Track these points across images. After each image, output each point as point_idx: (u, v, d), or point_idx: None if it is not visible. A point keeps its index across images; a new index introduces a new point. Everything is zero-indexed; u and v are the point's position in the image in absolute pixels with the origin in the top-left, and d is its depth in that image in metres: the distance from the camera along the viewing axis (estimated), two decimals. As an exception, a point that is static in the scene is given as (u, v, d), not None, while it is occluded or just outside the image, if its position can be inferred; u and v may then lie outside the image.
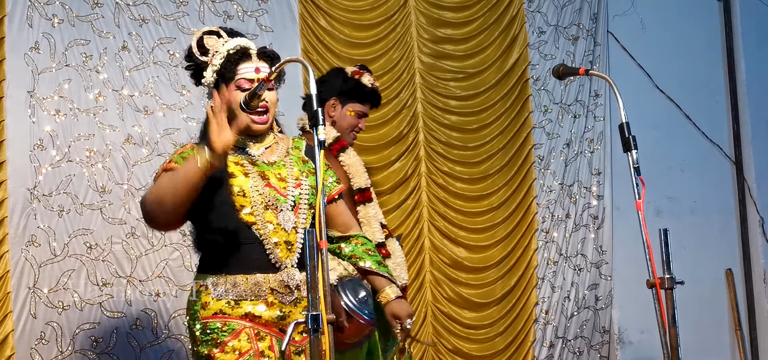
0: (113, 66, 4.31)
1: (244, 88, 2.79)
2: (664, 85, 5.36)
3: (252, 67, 2.83)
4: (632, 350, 5.14)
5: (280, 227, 2.80)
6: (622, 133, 2.91)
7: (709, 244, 5.37)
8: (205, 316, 2.75)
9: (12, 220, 4.03)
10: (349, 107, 3.74)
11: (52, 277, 4.10)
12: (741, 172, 5.43)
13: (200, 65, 2.85)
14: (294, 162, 2.93)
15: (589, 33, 5.23)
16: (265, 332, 2.76)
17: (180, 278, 4.28)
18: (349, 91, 3.73)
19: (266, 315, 2.76)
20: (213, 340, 2.73)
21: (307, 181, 2.91)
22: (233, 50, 2.83)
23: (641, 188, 2.79)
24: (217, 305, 2.75)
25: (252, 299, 2.75)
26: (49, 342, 4.06)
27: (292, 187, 2.86)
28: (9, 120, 4.08)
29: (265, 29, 4.67)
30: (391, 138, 4.87)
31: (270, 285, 2.77)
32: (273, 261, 2.78)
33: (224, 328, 2.73)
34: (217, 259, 2.79)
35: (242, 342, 2.73)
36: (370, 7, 4.91)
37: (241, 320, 2.74)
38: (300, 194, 2.86)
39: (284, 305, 2.79)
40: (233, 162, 2.81)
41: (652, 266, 2.73)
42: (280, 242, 2.79)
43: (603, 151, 5.17)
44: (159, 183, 2.73)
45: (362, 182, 3.68)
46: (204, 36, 2.86)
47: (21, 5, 4.15)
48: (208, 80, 2.84)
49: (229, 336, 2.73)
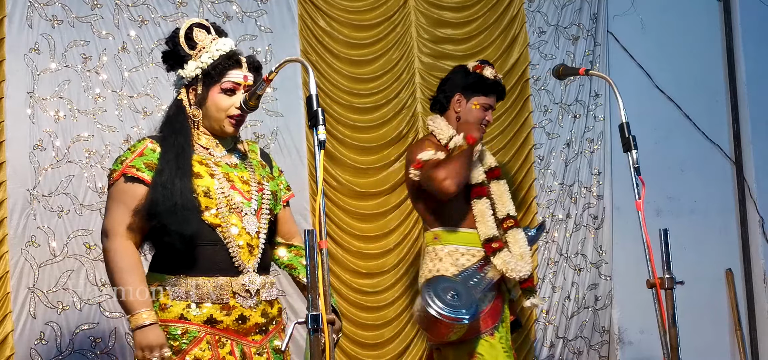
0: (113, 67, 4.31)
1: (227, 89, 2.79)
2: (664, 85, 5.36)
3: (241, 74, 2.83)
4: (632, 350, 5.14)
5: (244, 230, 2.78)
6: (622, 133, 2.91)
7: (709, 244, 5.36)
8: (165, 319, 2.70)
9: (12, 220, 4.03)
10: (474, 101, 3.79)
11: (52, 278, 4.09)
12: (741, 172, 5.43)
13: (183, 56, 2.83)
14: (255, 165, 2.93)
15: (589, 33, 5.23)
16: (226, 338, 2.74)
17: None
18: (472, 85, 3.80)
19: (227, 320, 2.74)
20: (172, 346, 2.69)
21: (268, 186, 2.91)
22: (225, 53, 2.82)
23: (641, 188, 2.79)
24: (177, 308, 2.71)
25: (214, 302, 2.72)
26: (49, 342, 4.06)
27: (255, 190, 2.85)
28: (9, 121, 4.08)
29: (264, 30, 4.67)
30: (390, 138, 4.87)
31: (232, 288, 2.74)
32: (236, 264, 2.75)
33: (185, 336, 2.69)
34: (176, 259, 2.73)
35: (204, 351, 2.70)
36: (370, 7, 4.91)
37: (201, 326, 2.71)
38: (262, 198, 2.86)
39: (244, 309, 2.77)
40: (197, 161, 2.78)
41: (652, 266, 2.73)
42: (243, 245, 2.77)
43: (603, 151, 5.16)
44: (115, 262, 2.70)
45: (477, 177, 3.77)
46: (194, 28, 2.85)
47: (21, 6, 4.15)
48: (189, 74, 2.81)
49: (191, 344, 2.70)
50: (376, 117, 4.85)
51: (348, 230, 4.76)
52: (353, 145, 4.81)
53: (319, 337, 2.28)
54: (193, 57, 2.82)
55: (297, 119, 4.66)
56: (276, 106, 4.63)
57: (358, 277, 4.75)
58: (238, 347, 2.75)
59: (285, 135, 4.62)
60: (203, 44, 2.83)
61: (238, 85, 2.81)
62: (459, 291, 3.51)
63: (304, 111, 4.61)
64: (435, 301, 3.43)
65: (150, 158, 2.75)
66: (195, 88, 2.82)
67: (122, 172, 2.73)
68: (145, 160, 2.73)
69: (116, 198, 2.74)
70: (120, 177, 2.73)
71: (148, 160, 2.74)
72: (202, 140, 2.84)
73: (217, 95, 2.80)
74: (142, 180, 2.72)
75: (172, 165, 2.71)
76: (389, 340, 4.71)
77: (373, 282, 4.73)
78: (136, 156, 2.75)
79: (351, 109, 4.82)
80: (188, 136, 2.79)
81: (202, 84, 2.81)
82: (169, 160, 2.72)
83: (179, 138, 2.77)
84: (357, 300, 4.72)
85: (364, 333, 4.71)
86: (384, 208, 4.83)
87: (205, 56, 2.81)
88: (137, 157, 2.74)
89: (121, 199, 2.73)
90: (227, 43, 2.86)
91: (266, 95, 4.02)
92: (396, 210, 4.84)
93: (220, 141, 2.88)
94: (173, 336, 2.69)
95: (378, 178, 4.84)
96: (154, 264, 2.83)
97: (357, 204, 4.81)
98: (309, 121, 2.41)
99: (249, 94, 2.76)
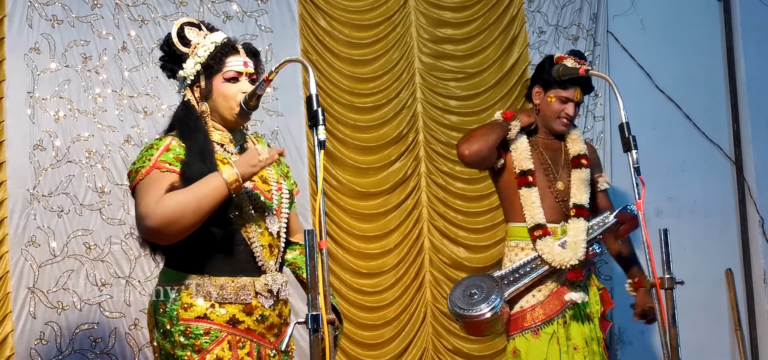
0: (113, 67, 4.31)
1: (231, 78, 2.79)
2: (664, 85, 5.35)
3: (240, 60, 2.83)
4: (632, 350, 5.14)
5: (267, 230, 2.78)
6: (622, 133, 2.91)
7: (709, 244, 5.36)
8: (187, 319, 2.69)
9: (12, 220, 4.03)
10: (551, 93, 3.75)
11: (52, 278, 4.09)
12: (741, 172, 5.42)
13: (181, 56, 2.81)
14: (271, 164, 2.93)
15: (589, 33, 5.22)
16: (246, 339, 2.73)
17: (180, 279, 4.28)
18: (550, 77, 3.70)
19: (248, 320, 2.73)
20: (194, 345, 2.67)
21: (285, 185, 2.91)
22: (221, 42, 2.82)
23: (641, 188, 2.79)
24: (200, 308, 2.69)
25: (236, 302, 2.71)
26: (49, 342, 4.06)
27: (275, 189, 2.85)
28: (9, 120, 4.08)
29: (264, 30, 4.66)
30: (391, 138, 4.87)
31: (256, 288, 2.74)
32: (259, 264, 2.75)
33: (208, 335, 2.68)
34: (200, 259, 2.71)
35: (225, 351, 2.69)
36: (370, 7, 4.91)
37: (224, 327, 2.70)
38: (282, 197, 2.86)
39: (265, 309, 2.77)
40: (219, 159, 2.76)
41: (652, 266, 2.73)
42: (265, 245, 2.77)
43: (603, 151, 5.16)
44: (175, 200, 2.57)
45: (524, 165, 3.74)
46: (184, 27, 2.85)
47: (21, 6, 4.15)
48: (189, 71, 2.80)
49: (212, 344, 2.69)
50: (377, 117, 4.85)
51: (348, 230, 4.76)
52: (354, 144, 4.81)
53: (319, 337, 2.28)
54: (190, 54, 2.81)
55: (297, 119, 4.65)
56: (276, 105, 4.63)
57: (358, 277, 4.75)
58: (256, 348, 2.75)
59: (285, 135, 4.62)
60: (197, 40, 2.83)
61: (240, 72, 2.81)
62: (483, 286, 3.55)
63: (304, 111, 4.61)
64: (454, 301, 3.54)
65: (177, 153, 2.70)
66: (198, 85, 2.82)
67: (154, 167, 2.66)
68: (173, 155, 2.70)
69: (150, 185, 2.64)
70: (152, 170, 2.66)
71: (176, 154, 2.70)
72: (216, 136, 2.82)
73: (222, 85, 2.80)
74: (176, 172, 2.67)
75: (198, 160, 2.67)
76: (389, 340, 4.71)
77: (373, 282, 4.73)
78: (163, 151, 2.70)
79: (351, 109, 4.82)
80: (206, 133, 2.77)
81: (204, 78, 2.80)
82: (195, 154, 2.69)
83: (199, 135, 2.73)
84: (357, 300, 4.72)
85: (364, 333, 4.71)
86: (384, 208, 4.83)
87: (201, 50, 2.80)
88: (165, 152, 2.70)
89: (154, 185, 2.63)
90: (220, 36, 2.86)
91: (266, 95, 4.02)
92: (396, 210, 4.83)
93: (232, 136, 2.87)
94: (195, 335, 2.68)
95: (378, 178, 4.84)
96: (174, 262, 2.78)
97: (357, 204, 4.80)
98: (309, 120, 2.41)
99: (249, 94, 2.75)
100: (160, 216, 2.57)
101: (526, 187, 3.68)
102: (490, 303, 3.50)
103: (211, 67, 2.79)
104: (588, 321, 3.67)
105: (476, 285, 3.57)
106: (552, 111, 3.74)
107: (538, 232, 3.62)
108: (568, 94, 3.71)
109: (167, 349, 2.72)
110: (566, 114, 3.73)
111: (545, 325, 3.59)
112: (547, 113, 3.75)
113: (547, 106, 3.75)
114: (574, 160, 3.78)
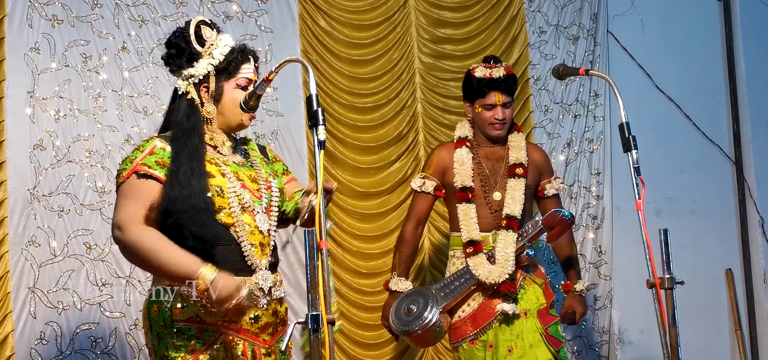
0: (113, 67, 4.32)
1: (243, 86, 2.81)
2: (664, 85, 5.36)
3: (251, 68, 2.85)
4: (632, 350, 5.14)
5: (257, 229, 2.78)
6: (622, 133, 2.91)
7: (709, 244, 5.36)
8: (180, 319, 2.69)
9: (12, 220, 4.03)
10: (476, 105, 3.86)
11: (52, 278, 4.10)
12: (741, 172, 5.43)
13: (193, 54, 2.80)
14: (259, 163, 2.93)
15: (590, 33, 5.23)
16: (239, 338, 2.74)
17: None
18: (471, 91, 3.86)
19: (242, 320, 2.73)
20: (187, 346, 2.68)
21: (275, 183, 2.91)
22: (239, 48, 2.83)
23: (641, 188, 2.79)
24: (192, 309, 2.69)
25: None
26: (49, 342, 4.06)
27: (264, 188, 2.85)
28: (9, 120, 4.08)
29: (264, 29, 4.67)
30: (390, 138, 4.87)
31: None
32: (249, 263, 2.74)
33: (200, 336, 2.69)
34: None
35: (219, 351, 2.70)
36: (370, 7, 4.91)
37: (217, 327, 2.70)
38: (271, 196, 2.86)
39: (258, 309, 2.77)
40: (208, 160, 2.76)
41: (652, 266, 2.73)
42: (255, 244, 2.77)
43: (603, 151, 5.16)
44: (151, 244, 2.60)
45: (465, 182, 3.86)
46: (201, 26, 2.85)
47: (21, 6, 4.15)
48: (200, 71, 2.79)
49: (205, 345, 2.69)
50: (377, 117, 4.85)
51: (348, 230, 4.77)
52: (353, 144, 4.82)
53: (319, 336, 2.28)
54: (203, 54, 2.81)
55: (297, 119, 4.66)
56: (276, 106, 4.63)
57: (359, 277, 4.75)
58: (250, 348, 2.75)
59: (285, 135, 4.62)
60: (212, 41, 2.83)
61: (250, 80, 2.83)
62: (420, 300, 3.70)
63: (304, 111, 4.61)
64: (398, 321, 3.70)
65: (161, 156, 2.71)
66: (207, 85, 2.81)
67: (133, 170, 2.68)
68: (156, 159, 2.70)
69: (128, 194, 2.68)
70: (131, 175, 2.68)
71: (160, 158, 2.70)
72: (214, 138, 2.83)
73: (233, 90, 2.80)
74: (155, 177, 2.68)
75: (186, 165, 2.67)
76: (389, 340, 4.71)
77: (374, 282, 4.73)
78: (146, 154, 2.71)
79: (351, 109, 4.82)
80: (201, 136, 2.77)
81: (214, 79, 2.80)
82: (183, 160, 2.68)
83: (192, 138, 2.74)
84: (357, 300, 4.72)
85: (364, 333, 4.72)
86: (384, 208, 4.83)
87: (217, 52, 2.80)
88: (148, 155, 2.70)
89: (133, 195, 2.67)
90: (229, 38, 2.86)
91: (266, 95, 4.02)
92: (396, 210, 4.84)
93: (228, 138, 2.88)
94: (189, 336, 2.68)
95: (378, 178, 4.84)
96: None
97: (357, 204, 4.81)
98: (309, 120, 2.41)
99: (249, 94, 2.75)
100: (132, 242, 2.63)
101: (465, 203, 3.81)
102: (430, 310, 3.65)
103: (226, 70, 2.80)
104: (524, 317, 3.74)
105: (412, 301, 3.71)
106: (483, 120, 3.84)
107: (470, 249, 3.76)
108: (490, 100, 3.82)
109: (161, 351, 2.72)
110: (496, 118, 3.83)
111: (480, 334, 3.73)
112: (480, 123, 3.86)
113: (477, 117, 3.86)
114: (510, 169, 3.86)
